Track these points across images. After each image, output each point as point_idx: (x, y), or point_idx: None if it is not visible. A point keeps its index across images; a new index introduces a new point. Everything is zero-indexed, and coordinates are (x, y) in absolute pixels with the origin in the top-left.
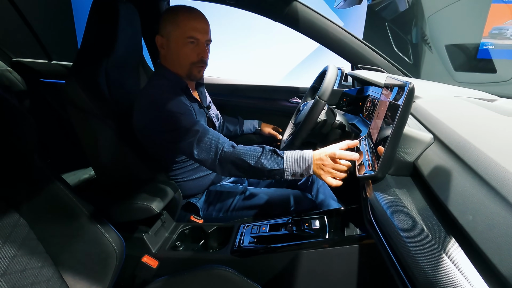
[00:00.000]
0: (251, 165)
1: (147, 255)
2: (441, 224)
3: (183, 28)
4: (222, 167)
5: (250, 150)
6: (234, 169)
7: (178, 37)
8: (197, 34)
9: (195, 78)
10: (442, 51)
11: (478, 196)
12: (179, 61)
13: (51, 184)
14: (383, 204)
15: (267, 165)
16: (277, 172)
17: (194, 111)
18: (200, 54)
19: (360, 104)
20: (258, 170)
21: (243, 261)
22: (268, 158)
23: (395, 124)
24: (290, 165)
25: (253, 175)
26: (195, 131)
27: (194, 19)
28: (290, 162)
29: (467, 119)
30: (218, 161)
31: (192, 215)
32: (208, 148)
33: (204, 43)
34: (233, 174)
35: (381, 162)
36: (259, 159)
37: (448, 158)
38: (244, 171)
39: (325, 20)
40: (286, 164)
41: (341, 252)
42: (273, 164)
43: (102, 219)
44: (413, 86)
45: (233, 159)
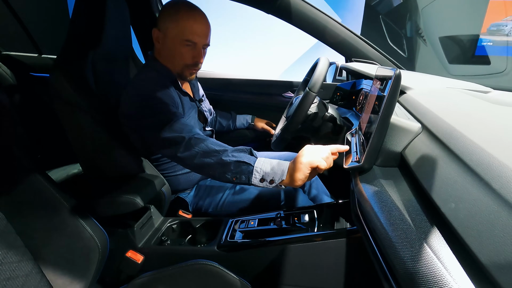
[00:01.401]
0: (219, 152)
1: (132, 250)
2: (424, 214)
3: (182, 29)
4: (186, 151)
5: (221, 143)
6: (199, 156)
7: (175, 36)
8: (196, 37)
9: (185, 79)
10: (436, 43)
11: (462, 183)
12: (173, 60)
13: (31, 177)
14: (368, 196)
15: (235, 158)
16: (245, 169)
17: (183, 104)
18: (195, 58)
19: (354, 98)
20: (224, 162)
21: (230, 255)
22: (239, 153)
23: (381, 113)
24: (261, 166)
25: (218, 167)
26: (172, 120)
27: (194, 21)
28: (263, 162)
29: (458, 109)
30: (184, 145)
31: (180, 210)
32: (178, 136)
33: (200, 47)
34: (196, 163)
35: (367, 153)
36: (229, 151)
37: (435, 147)
38: (210, 160)
39: (319, 12)
40: (258, 163)
41: (329, 246)
42: (243, 157)
43: (85, 213)
44: (400, 72)
45: (202, 146)
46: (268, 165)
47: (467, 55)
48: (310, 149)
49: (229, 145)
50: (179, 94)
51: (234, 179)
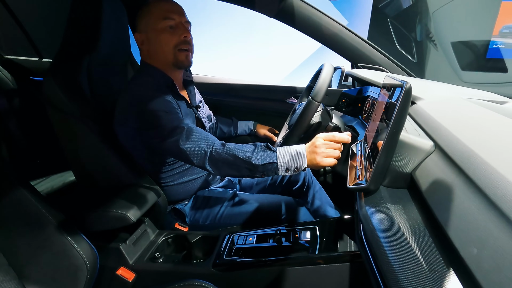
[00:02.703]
0: (244, 160)
1: (123, 267)
2: (439, 252)
3: (158, 12)
4: (213, 165)
5: (242, 146)
6: (226, 167)
7: (155, 23)
8: (173, 14)
9: (183, 64)
10: (448, 49)
11: (485, 223)
12: (162, 49)
13: (14, 191)
14: (374, 222)
15: (260, 160)
16: (270, 166)
17: (180, 110)
18: (182, 34)
19: (360, 105)
20: (251, 166)
21: (225, 275)
22: (261, 153)
23: (389, 130)
24: (283, 159)
25: (246, 171)
26: (181, 129)
27: (166, 2)
28: (283, 155)
29: (474, 125)
30: (209, 159)
31: (177, 223)
32: (197, 147)
33: (183, 24)
34: (226, 172)
35: (373, 173)
36: (252, 155)
37: (449, 170)
38: (237, 168)
39: (323, 16)
40: (280, 158)
41: (330, 270)
42: (267, 158)
43: (72, 228)
44: (410, 86)
45: (225, 156)
46: (288, 156)
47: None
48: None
49: None
50: (176, 99)
51: (263, 175)
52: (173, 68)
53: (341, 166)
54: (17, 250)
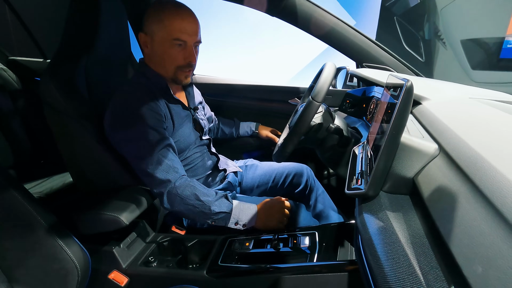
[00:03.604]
0: (203, 203)
1: (116, 271)
2: (440, 268)
3: (169, 29)
4: (170, 200)
5: (204, 189)
6: (182, 205)
7: (163, 38)
8: (185, 36)
9: (181, 83)
10: (458, 47)
11: (492, 238)
12: (164, 64)
13: (4, 192)
14: (371, 231)
15: (218, 208)
16: (223, 216)
17: (172, 115)
18: (187, 58)
19: (364, 106)
20: (208, 210)
21: (219, 282)
22: (219, 201)
23: (389, 131)
24: (238, 213)
25: (200, 215)
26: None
27: (181, 19)
28: (238, 209)
29: (482, 126)
30: (167, 193)
31: (174, 225)
32: (163, 176)
33: (191, 46)
34: (178, 209)
35: (372, 178)
36: (213, 200)
37: (454, 176)
38: (192, 209)
39: (327, 14)
40: (235, 211)
41: (328, 280)
42: (223, 207)
43: (64, 231)
44: (411, 84)
45: (186, 194)
46: (242, 214)
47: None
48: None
49: (233, 153)
50: (169, 103)
51: (213, 223)
52: (170, 82)
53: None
54: (6, 253)
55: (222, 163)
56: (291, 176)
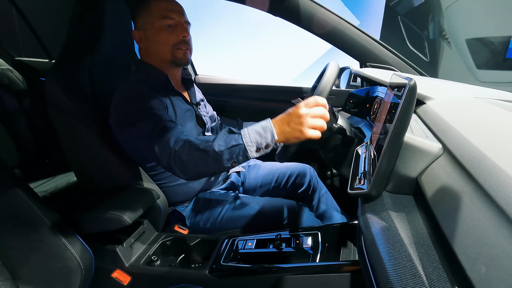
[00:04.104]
0: (206, 151)
1: (119, 270)
2: (444, 269)
3: (157, 11)
4: (178, 166)
5: (204, 137)
6: (191, 164)
7: (154, 22)
8: (172, 14)
9: (181, 61)
10: (463, 46)
11: (496, 238)
12: (160, 48)
13: (8, 191)
14: (374, 231)
15: (224, 145)
16: (238, 150)
17: (174, 106)
18: (180, 34)
19: (368, 106)
20: (216, 155)
21: (221, 281)
22: (224, 138)
23: (392, 130)
24: (250, 138)
25: (214, 163)
26: (157, 128)
27: (166, 1)
28: (248, 135)
29: (487, 126)
30: (173, 160)
31: (177, 225)
32: (165, 146)
33: (182, 24)
34: (193, 171)
35: (375, 177)
36: (214, 142)
37: (458, 176)
38: (203, 162)
39: (330, 14)
40: (245, 138)
41: (329, 281)
42: (231, 141)
43: (67, 230)
44: (415, 83)
45: (188, 152)
46: (254, 134)
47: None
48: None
49: None
50: (170, 96)
51: (234, 164)
52: (171, 66)
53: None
54: (10, 251)
55: None
56: (294, 177)
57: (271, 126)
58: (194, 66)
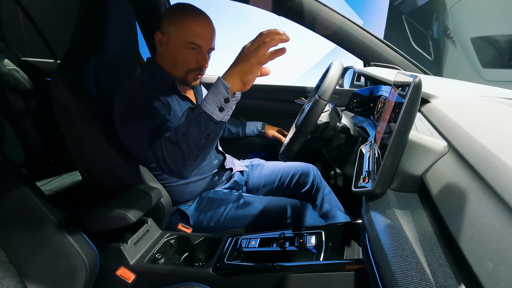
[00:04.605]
0: (177, 136)
1: (123, 267)
2: (449, 266)
3: (187, 32)
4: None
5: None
6: (172, 158)
7: (179, 39)
8: (200, 41)
9: (189, 84)
10: (468, 45)
11: (503, 235)
12: (176, 64)
13: (15, 189)
14: (378, 229)
15: (187, 123)
16: (202, 118)
17: (178, 109)
18: (199, 62)
19: (372, 105)
20: (186, 136)
21: (225, 280)
22: (185, 117)
23: (397, 129)
24: (207, 102)
25: (189, 145)
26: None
27: (199, 24)
28: (205, 100)
29: (493, 123)
30: (163, 162)
31: (181, 224)
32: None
33: (205, 51)
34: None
35: (379, 175)
36: (178, 126)
37: (463, 173)
38: (179, 149)
39: (334, 13)
40: (203, 104)
41: (333, 279)
42: (192, 115)
43: (73, 227)
44: (420, 80)
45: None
46: (209, 96)
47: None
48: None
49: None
50: (178, 99)
51: (208, 136)
52: (179, 82)
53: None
54: (16, 248)
55: (229, 162)
56: (298, 176)
57: (220, 79)
58: None
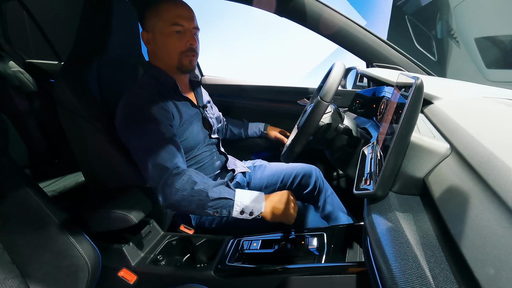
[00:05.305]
0: (201, 190)
1: (125, 269)
2: (451, 270)
3: (167, 16)
4: (165, 188)
5: (203, 178)
6: (179, 195)
7: (163, 28)
8: (182, 20)
9: (186, 69)
10: (472, 45)
11: (505, 240)
12: (167, 53)
13: (19, 190)
14: (380, 231)
15: (217, 193)
16: (225, 203)
17: (181, 112)
18: (188, 41)
19: (374, 106)
20: (206, 198)
21: (226, 281)
22: (219, 187)
23: (399, 130)
24: (241, 199)
25: (199, 205)
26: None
27: (176, 6)
28: (241, 195)
29: (497, 125)
30: (163, 183)
31: (183, 225)
32: (161, 167)
33: (190, 31)
34: (174, 201)
35: (381, 177)
36: (210, 186)
37: (466, 176)
38: (189, 199)
39: (336, 14)
40: (237, 196)
41: (335, 281)
42: (224, 192)
43: (75, 229)
44: (422, 82)
45: (182, 182)
46: (247, 198)
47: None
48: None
49: (241, 154)
50: (177, 101)
51: (215, 213)
52: (177, 72)
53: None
54: (19, 249)
55: (231, 163)
56: (300, 177)
57: (263, 199)
58: (200, 67)
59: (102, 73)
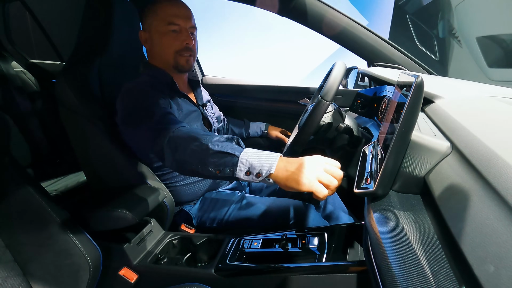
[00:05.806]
0: (201, 143)
1: (126, 267)
2: (451, 268)
3: (163, 15)
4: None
5: (208, 132)
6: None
7: (158, 26)
8: (178, 20)
9: (183, 68)
10: (473, 45)
11: (505, 237)
12: (164, 52)
13: (21, 189)
14: (380, 230)
15: (219, 146)
16: (229, 160)
17: (180, 107)
18: (184, 41)
19: (375, 106)
20: (206, 152)
21: (227, 280)
22: (225, 142)
23: (399, 129)
24: (247, 156)
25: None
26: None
27: (173, 6)
28: (249, 153)
29: (498, 124)
30: (168, 141)
31: (184, 224)
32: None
33: (187, 30)
34: (182, 155)
35: (381, 176)
36: (213, 138)
37: (467, 174)
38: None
39: (338, 13)
40: (244, 154)
41: (335, 281)
42: (228, 147)
43: (76, 227)
44: (422, 80)
45: (184, 136)
46: (254, 155)
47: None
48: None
49: None
50: (176, 97)
51: (218, 172)
52: (173, 71)
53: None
54: (21, 247)
55: None
56: None
57: (275, 159)
58: (201, 67)
59: (104, 73)
